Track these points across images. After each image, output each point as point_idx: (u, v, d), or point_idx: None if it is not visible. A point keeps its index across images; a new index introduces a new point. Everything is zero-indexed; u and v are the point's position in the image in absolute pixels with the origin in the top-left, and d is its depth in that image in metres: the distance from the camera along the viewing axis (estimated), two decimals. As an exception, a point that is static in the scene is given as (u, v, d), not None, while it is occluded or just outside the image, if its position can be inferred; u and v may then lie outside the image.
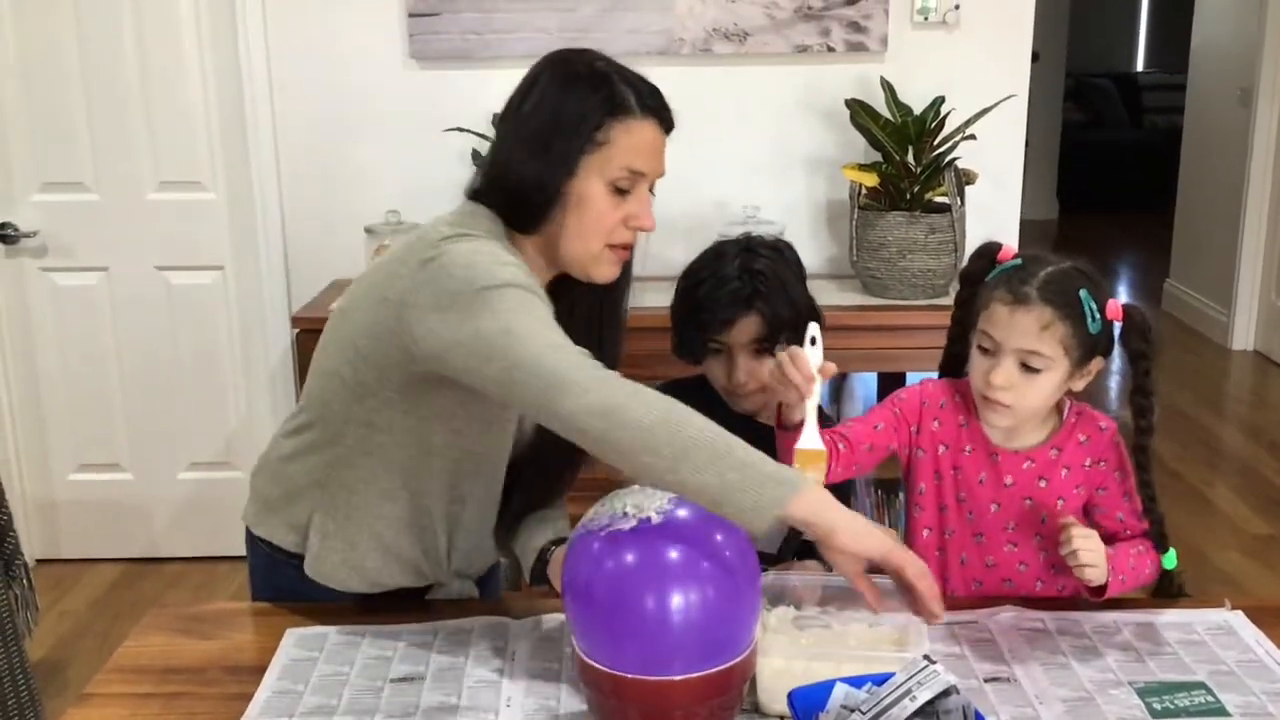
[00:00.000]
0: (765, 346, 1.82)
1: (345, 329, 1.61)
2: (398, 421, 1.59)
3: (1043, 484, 1.69)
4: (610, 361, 1.60)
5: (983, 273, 1.69)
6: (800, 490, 1.31)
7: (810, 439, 1.50)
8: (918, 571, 1.36)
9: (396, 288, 1.51)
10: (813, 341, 1.53)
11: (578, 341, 1.47)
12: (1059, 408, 1.71)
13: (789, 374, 1.50)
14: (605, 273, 1.61)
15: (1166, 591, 1.71)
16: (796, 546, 1.84)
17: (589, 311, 1.69)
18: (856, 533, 1.33)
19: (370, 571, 1.67)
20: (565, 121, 1.52)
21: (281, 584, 1.72)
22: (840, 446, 1.67)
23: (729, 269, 1.83)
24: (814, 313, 1.86)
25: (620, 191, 1.56)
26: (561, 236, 1.57)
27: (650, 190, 1.61)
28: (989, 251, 1.70)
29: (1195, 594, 1.75)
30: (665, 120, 1.59)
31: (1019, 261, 1.65)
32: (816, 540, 1.36)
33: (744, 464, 1.31)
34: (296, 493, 1.68)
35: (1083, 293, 1.59)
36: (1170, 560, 1.66)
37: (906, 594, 1.39)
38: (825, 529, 1.32)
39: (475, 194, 1.61)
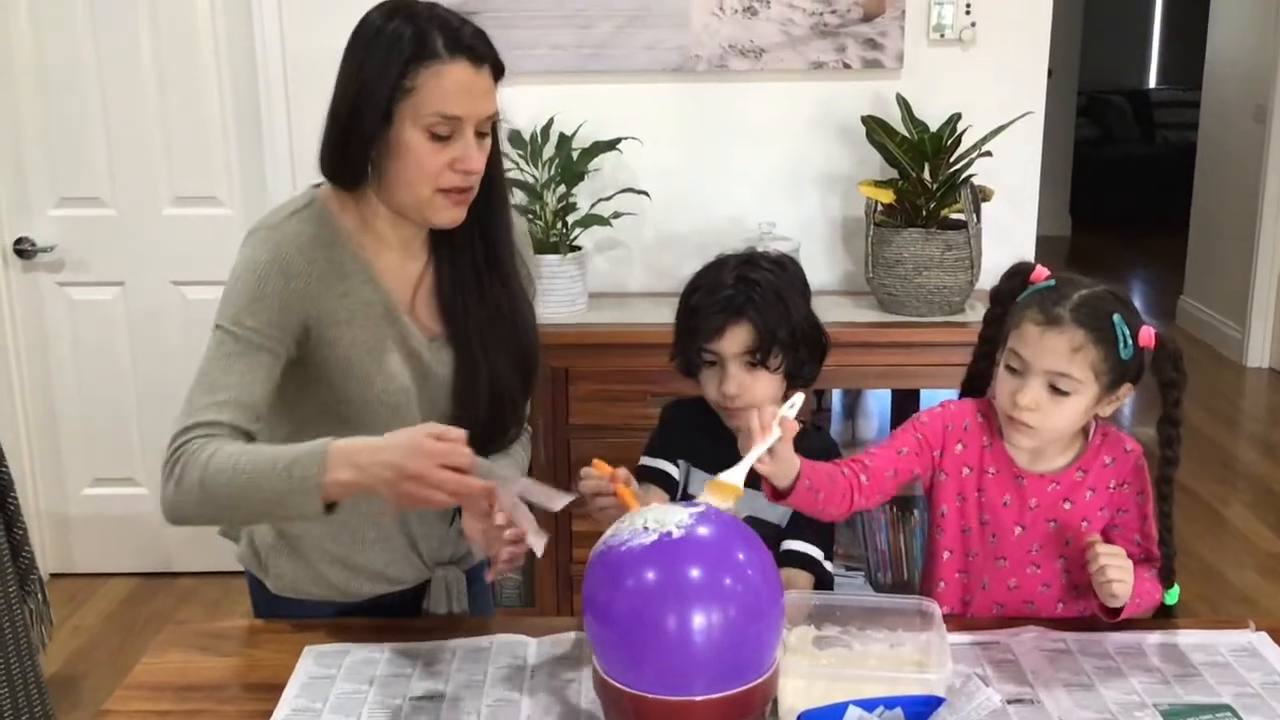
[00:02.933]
0: (758, 359, 1.78)
1: None
2: (292, 406, 1.63)
3: (1067, 506, 1.68)
4: (491, 311, 1.66)
5: (1015, 292, 1.68)
6: (319, 492, 1.40)
7: (733, 476, 1.49)
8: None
9: None
10: (790, 405, 1.54)
11: (461, 290, 1.64)
12: (1084, 429, 1.70)
13: (749, 418, 1.50)
14: (444, 218, 1.60)
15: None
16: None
17: (470, 260, 1.68)
18: (379, 467, 1.38)
19: (335, 581, 1.72)
20: (375, 71, 1.52)
21: (274, 600, 1.76)
22: (862, 478, 1.66)
23: (726, 277, 1.80)
24: (817, 332, 1.83)
25: (440, 137, 1.54)
26: (389, 185, 1.57)
27: (485, 132, 1.58)
28: (1022, 271, 1.68)
29: (1211, 614, 1.75)
30: (481, 57, 1.55)
31: (1053, 283, 1.64)
32: None
33: (274, 500, 1.42)
34: None
35: (1116, 317, 1.57)
36: (1172, 597, 1.65)
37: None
38: (371, 494, 1.40)
39: (319, 158, 1.61)
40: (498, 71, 1.58)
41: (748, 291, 1.77)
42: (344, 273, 1.60)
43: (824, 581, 1.82)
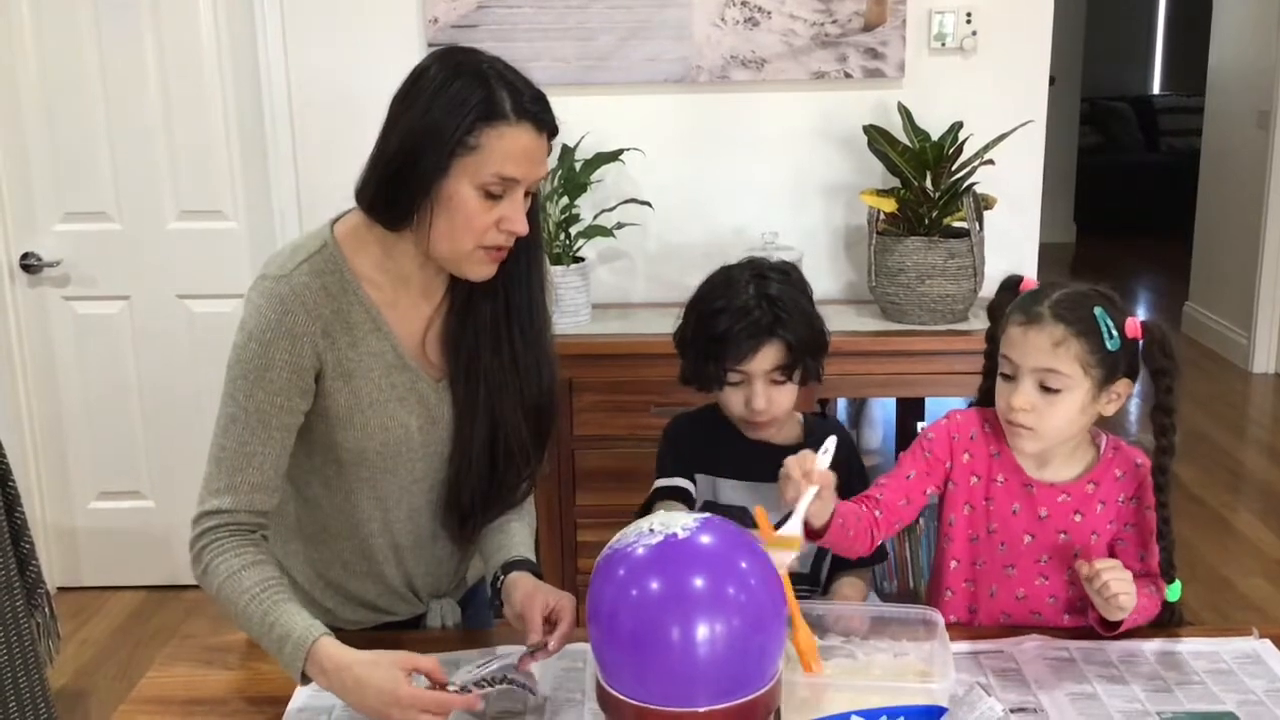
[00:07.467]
0: (785, 373, 1.80)
1: None
2: (299, 438, 1.62)
3: (1077, 518, 1.68)
4: (505, 360, 1.65)
5: (1007, 304, 1.70)
6: (300, 676, 1.44)
7: (791, 528, 1.49)
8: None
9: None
10: (824, 451, 1.54)
11: (475, 334, 1.63)
12: (1095, 441, 1.71)
13: (789, 469, 1.51)
14: (478, 272, 1.59)
15: (1166, 624, 1.69)
16: (828, 566, 1.85)
17: (490, 307, 1.66)
18: (357, 700, 1.41)
19: (329, 606, 1.73)
20: (438, 123, 1.50)
21: None
22: (876, 514, 1.67)
23: (745, 297, 1.79)
24: (822, 334, 1.85)
25: (492, 195, 1.52)
26: (432, 235, 1.55)
27: (528, 194, 1.57)
28: (1012, 284, 1.71)
29: (1219, 621, 1.74)
30: (543, 124, 1.54)
31: (1036, 288, 1.67)
32: None
33: (269, 652, 1.47)
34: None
35: (1097, 310, 1.59)
36: (1174, 593, 1.65)
37: None
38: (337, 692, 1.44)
39: (357, 191, 1.60)
40: (553, 136, 1.58)
41: (773, 310, 1.77)
42: (351, 323, 1.60)
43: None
